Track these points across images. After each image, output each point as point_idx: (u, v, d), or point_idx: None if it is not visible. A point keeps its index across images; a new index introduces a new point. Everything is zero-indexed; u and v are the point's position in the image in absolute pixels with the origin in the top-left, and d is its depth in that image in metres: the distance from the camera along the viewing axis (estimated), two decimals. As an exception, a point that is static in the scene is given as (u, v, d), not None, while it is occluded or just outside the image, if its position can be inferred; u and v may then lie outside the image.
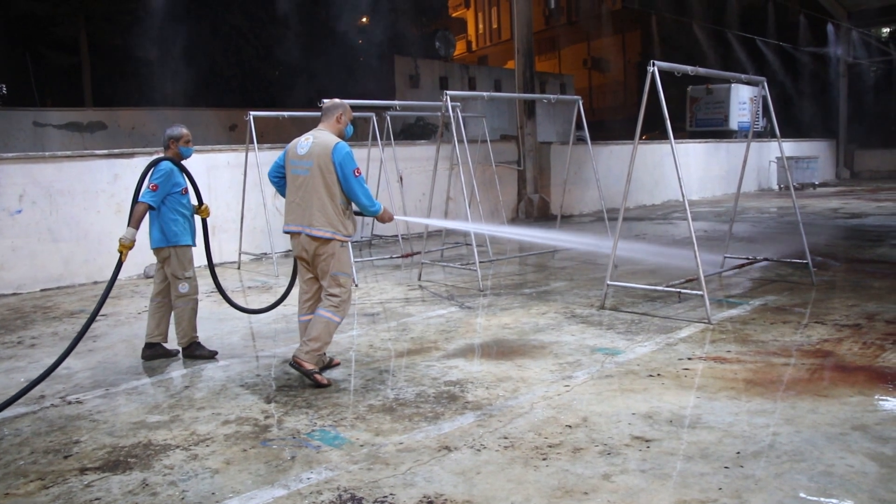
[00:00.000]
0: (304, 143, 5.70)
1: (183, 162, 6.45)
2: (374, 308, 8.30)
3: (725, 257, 10.08)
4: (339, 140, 5.67)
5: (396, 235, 13.05)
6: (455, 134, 9.88)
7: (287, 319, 7.82)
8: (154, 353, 6.46)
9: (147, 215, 6.21)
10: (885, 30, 34.69)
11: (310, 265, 5.72)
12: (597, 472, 3.93)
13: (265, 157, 11.99)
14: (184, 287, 6.34)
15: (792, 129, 30.44)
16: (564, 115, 30.98)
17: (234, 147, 12.58)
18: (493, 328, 7.23)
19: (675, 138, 8.02)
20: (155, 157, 6.37)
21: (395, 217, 6.14)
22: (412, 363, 6.09)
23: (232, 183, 11.87)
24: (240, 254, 11.53)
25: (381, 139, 12.60)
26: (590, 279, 9.54)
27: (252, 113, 11.15)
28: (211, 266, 6.97)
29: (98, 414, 5.09)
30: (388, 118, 13.07)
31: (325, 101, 6.06)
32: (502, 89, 31.96)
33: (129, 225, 6.05)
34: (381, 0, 27.43)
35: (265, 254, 11.92)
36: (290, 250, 6.31)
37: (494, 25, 54.43)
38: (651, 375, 5.54)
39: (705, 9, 32.81)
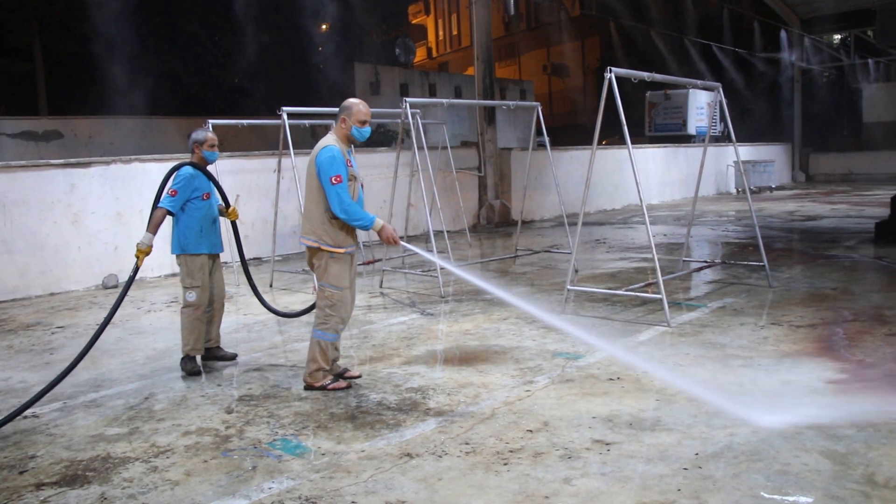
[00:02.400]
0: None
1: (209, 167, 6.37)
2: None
3: (684, 260, 10.23)
4: (329, 143, 5.35)
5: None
6: (415, 141, 9.90)
7: (248, 328, 7.77)
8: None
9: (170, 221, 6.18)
10: (837, 36, 35.44)
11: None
12: (557, 476, 3.96)
13: (224, 166, 11.91)
14: (191, 295, 6.18)
15: (749, 133, 30.94)
16: (525, 120, 31.13)
17: (193, 155, 12.44)
18: (455, 334, 7.25)
19: (634, 143, 8.13)
20: (177, 162, 6.30)
21: (399, 242, 5.66)
22: (374, 370, 6.08)
23: (191, 191, 11.74)
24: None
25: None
26: (551, 284, 9.61)
27: (210, 121, 11.02)
28: (245, 267, 6.90)
29: (55, 427, 5.01)
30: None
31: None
32: (462, 96, 32.07)
33: (147, 230, 5.97)
34: (341, 8, 27.37)
35: (225, 263, 11.79)
36: (253, 259, 6.30)
37: (454, 32, 54.61)
38: (611, 379, 5.59)
39: (663, 16, 33.26)
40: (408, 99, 9.62)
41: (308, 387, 5.59)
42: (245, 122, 12.27)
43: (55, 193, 10.34)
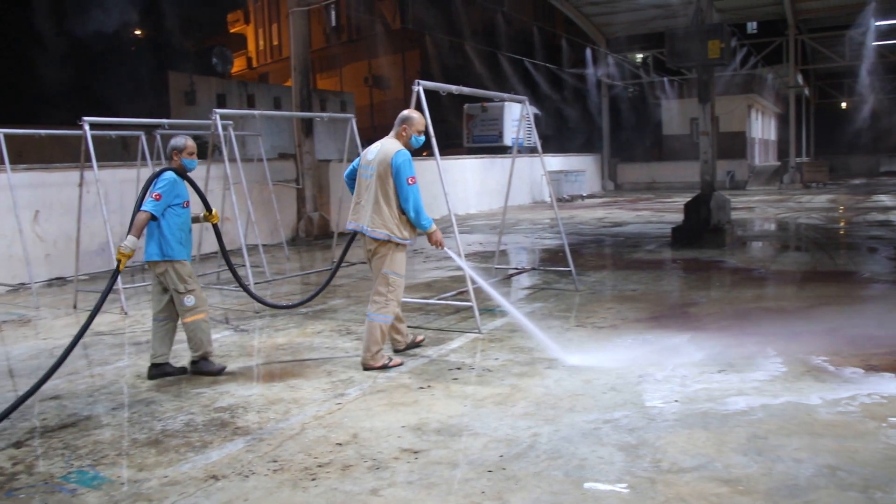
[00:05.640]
0: (373, 149, 6.23)
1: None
2: (144, 336, 7.88)
3: (496, 267, 10.55)
4: (400, 147, 6.11)
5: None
6: (226, 153, 9.65)
7: (49, 353, 7.26)
8: (161, 371, 6.23)
9: (146, 227, 6.00)
10: (639, 56, 37.96)
11: (369, 263, 6.27)
12: (365, 488, 3.97)
13: (21, 179, 11.14)
14: (189, 300, 6.13)
15: (562, 144, 32.43)
16: (345, 132, 31.13)
17: (-16, 168, 11.51)
18: (267, 349, 7.13)
19: (454, 154, 8.32)
20: (159, 167, 6.19)
21: (446, 248, 6.46)
22: (182, 392, 5.86)
23: (-18, 208, 10.87)
24: (-7, 285, 10.60)
25: (152, 159, 12.05)
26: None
27: (2, 130, 10.25)
28: (231, 267, 6.80)
29: None
30: (159, 137, 12.54)
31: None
32: (283, 107, 31.69)
33: (129, 233, 5.88)
34: (154, 14, 26.33)
35: (23, 284, 11.02)
36: (56, 279, 5.93)
37: (275, 42, 53.89)
38: (422, 387, 5.68)
39: (478, 31, 34.28)
40: (218, 111, 9.38)
41: (368, 368, 6.12)
42: (44, 132, 11.53)
43: None
